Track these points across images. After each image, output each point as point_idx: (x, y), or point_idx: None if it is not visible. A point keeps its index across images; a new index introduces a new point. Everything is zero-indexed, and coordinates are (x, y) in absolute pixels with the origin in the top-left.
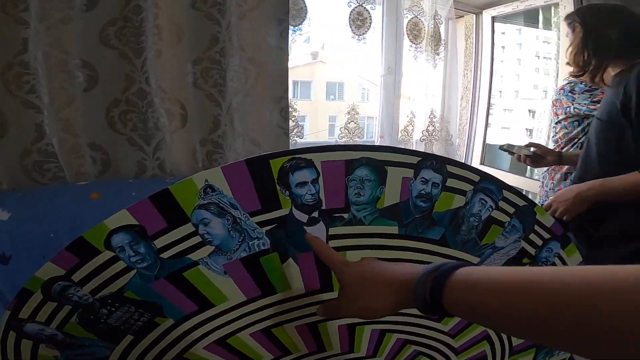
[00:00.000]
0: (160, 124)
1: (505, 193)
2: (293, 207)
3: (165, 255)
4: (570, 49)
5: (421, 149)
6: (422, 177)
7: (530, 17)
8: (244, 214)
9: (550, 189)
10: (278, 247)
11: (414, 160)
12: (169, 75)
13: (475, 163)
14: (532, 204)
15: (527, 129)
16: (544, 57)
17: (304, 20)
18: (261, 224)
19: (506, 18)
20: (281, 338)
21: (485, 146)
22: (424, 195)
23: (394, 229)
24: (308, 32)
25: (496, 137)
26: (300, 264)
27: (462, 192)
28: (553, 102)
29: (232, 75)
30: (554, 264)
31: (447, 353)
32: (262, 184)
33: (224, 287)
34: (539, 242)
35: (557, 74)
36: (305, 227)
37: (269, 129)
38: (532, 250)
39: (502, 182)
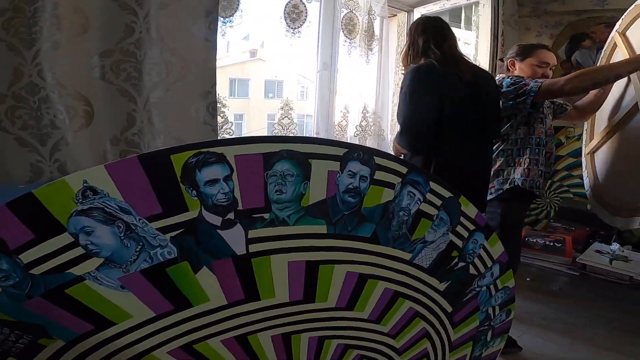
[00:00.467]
0: (58, 122)
1: (432, 185)
2: (203, 209)
3: (37, 271)
4: (402, 53)
5: None
6: (350, 170)
7: (454, 16)
8: (140, 219)
9: None
10: (188, 255)
11: (340, 152)
12: (69, 68)
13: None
14: (457, 195)
15: None
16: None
17: (235, 11)
18: (164, 229)
19: None
20: (207, 354)
21: None
22: (352, 190)
23: (322, 228)
24: (242, 25)
25: None
26: (217, 273)
27: (391, 185)
28: None
29: (149, 69)
30: (480, 257)
31: (390, 354)
32: (162, 183)
33: (123, 303)
34: (465, 234)
35: None
36: (219, 231)
37: (195, 126)
38: (459, 243)
39: (429, 173)
